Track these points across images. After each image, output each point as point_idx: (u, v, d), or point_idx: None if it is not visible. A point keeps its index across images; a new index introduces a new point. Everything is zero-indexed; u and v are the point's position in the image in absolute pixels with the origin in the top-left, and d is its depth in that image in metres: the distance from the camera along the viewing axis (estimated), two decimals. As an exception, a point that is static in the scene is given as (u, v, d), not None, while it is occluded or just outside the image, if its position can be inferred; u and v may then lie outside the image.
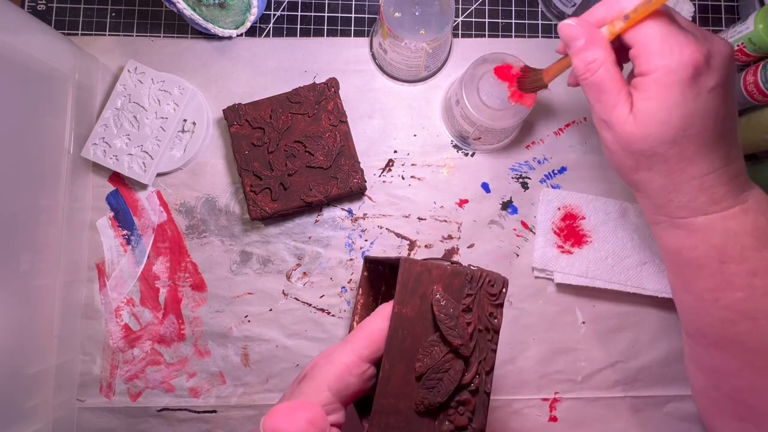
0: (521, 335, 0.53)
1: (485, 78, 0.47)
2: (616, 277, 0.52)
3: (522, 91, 0.46)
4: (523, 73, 0.46)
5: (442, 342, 0.35)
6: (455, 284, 0.36)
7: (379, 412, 0.33)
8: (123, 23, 0.55)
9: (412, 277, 0.35)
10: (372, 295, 0.48)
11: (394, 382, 0.34)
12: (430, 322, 0.35)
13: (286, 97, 0.51)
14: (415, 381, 0.34)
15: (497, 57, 0.48)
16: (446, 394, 0.34)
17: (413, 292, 0.35)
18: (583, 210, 0.53)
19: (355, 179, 0.51)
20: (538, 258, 0.53)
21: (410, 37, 0.47)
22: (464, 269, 0.36)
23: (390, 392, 0.33)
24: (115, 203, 0.53)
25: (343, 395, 0.33)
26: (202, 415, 0.51)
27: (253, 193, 0.50)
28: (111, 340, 0.51)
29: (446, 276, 0.35)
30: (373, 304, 0.48)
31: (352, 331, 0.36)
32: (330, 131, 0.51)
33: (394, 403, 0.33)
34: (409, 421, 0.34)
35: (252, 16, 0.50)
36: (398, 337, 0.34)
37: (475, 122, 0.48)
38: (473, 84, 0.47)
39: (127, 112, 0.51)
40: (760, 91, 0.48)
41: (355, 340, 0.34)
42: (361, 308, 0.47)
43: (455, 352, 0.35)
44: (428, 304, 0.35)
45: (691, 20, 0.56)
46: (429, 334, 0.35)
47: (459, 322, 0.35)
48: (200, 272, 0.52)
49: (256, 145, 0.51)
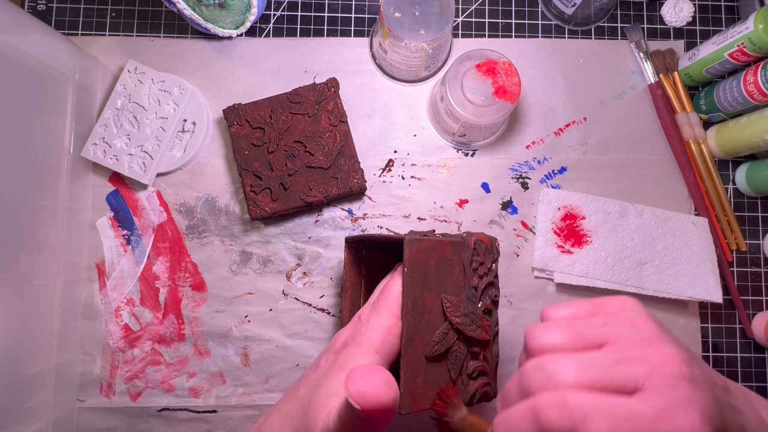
0: (521, 335, 0.53)
1: (469, 74, 0.47)
2: (616, 277, 0.52)
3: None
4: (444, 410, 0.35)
5: (453, 330, 0.37)
6: (456, 257, 0.38)
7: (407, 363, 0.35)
8: (123, 23, 0.55)
9: (417, 254, 0.36)
10: (356, 275, 0.48)
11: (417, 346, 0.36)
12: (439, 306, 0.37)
13: (286, 97, 0.51)
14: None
15: (480, 53, 0.48)
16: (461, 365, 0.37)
17: (418, 268, 0.36)
18: (583, 210, 0.53)
19: (355, 179, 0.51)
20: (538, 258, 0.53)
21: (410, 37, 0.47)
22: (460, 240, 0.39)
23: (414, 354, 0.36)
24: (115, 203, 0.53)
25: (388, 356, 0.34)
26: (202, 415, 0.51)
27: (253, 193, 0.50)
28: (111, 340, 0.51)
29: (447, 251, 0.38)
30: (359, 285, 0.48)
31: (379, 295, 0.37)
32: (330, 131, 0.51)
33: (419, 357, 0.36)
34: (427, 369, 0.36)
35: (252, 16, 0.50)
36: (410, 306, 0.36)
37: (459, 118, 0.48)
38: (457, 80, 0.47)
39: (127, 112, 0.51)
40: (760, 91, 0.48)
41: (385, 303, 0.35)
42: (351, 290, 0.47)
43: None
44: (434, 277, 0.37)
45: (691, 20, 0.56)
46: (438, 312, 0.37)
47: (475, 318, 0.37)
48: (200, 272, 0.52)
49: (256, 145, 0.51)
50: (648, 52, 0.56)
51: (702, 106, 0.55)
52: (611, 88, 0.56)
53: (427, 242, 0.37)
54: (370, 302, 0.38)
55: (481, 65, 0.47)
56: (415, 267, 0.36)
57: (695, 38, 0.57)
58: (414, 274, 0.36)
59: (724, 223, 0.54)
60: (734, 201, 0.56)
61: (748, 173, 0.54)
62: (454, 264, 0.38)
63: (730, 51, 0.49)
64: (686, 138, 0.55)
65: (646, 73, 0.55)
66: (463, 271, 0.38)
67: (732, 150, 0.53)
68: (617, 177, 0.55)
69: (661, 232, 0.53)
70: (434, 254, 0.37)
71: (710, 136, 0.55)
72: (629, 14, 0.57)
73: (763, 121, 0.48)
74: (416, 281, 0.36)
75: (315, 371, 0.37)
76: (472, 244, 0.39)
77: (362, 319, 0.36)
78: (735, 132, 0.52)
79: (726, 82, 0.52)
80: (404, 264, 0.35)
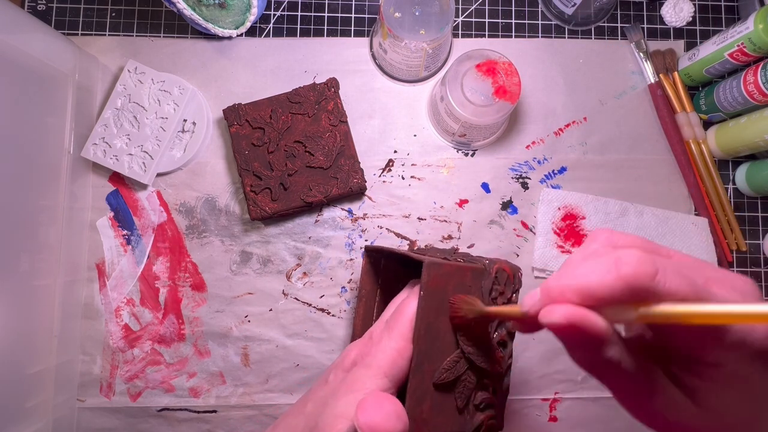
0: (521, 338, 0.53)
1: (469, 74, 0.47)
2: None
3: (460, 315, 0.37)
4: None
5: (464, 358, 0.35)
6: (476, 284, 0.37)
7: (414, 389, 0.34)
8: (123, 23, 0.55)
9: (435, 278, 0.35)
10: (373, 284, 0.48)
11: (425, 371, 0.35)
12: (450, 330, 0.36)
13: (286, 97, 0.51)
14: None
15: (480, 53, 0.48)
16: (468, 397, 0.36)
17: (435, 293, 0.35)
18: (583, 210, 0.53)
19: (355, 179, 0.51)
20: (538, 258, 0.53)
21: (410, 37, 0.47)
22: (482, 268, 0.37)
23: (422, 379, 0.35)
24: (115, 203, 0.53)
25: (397, 379, 0.33)
26: (202, 415, 0.51)
27: (253, 193, 0.50)
28: (111, 340, 0.51)
29: (467, 277, 0.36)
30: (374, 294, 0.48)
31: (392, 315, 0.36)
32: (330, 131, 0.51)
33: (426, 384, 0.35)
34: (435, 398, 0.35)
35: (252, 16, 0.50)
36: (424, 330, 0.35)
37: (459, 118, 0.48)
38: (457, 80, 0.47)
39: (127, 112, 0.51)
40: (760, 91, 0.48)
41: (398, 324, 0.34)
42: (366, 299, 0.47)
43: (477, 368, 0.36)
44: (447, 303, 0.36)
45: (691, 20, 0.56)
46: (450, 336, 0.35)
47: (487, 349, 0.36)
48: (200, 272, 0.52)
49: (256, 145, 0.51)
50: (648, 52, 0.56)
51: (702, 106, 0.55)
52: (611, 88, 0.56)
53: (447, 267, 0.35)
54: (383, 320, 0.37)
55: (481, 65, 0.47)
56: (432, 292, 0.34)
57: (695, 38, 0.57)
58: (430, 299, 0.34)
59: (724, 223, 0.54)
60: (734, 201, 0.56)
61: (748, 173, 0.54)
62: (473, 291, 0.37)
63: (730, 51, 0.49)
64: (686, 138, 0.55)
65: (646, 73, 0.55)
66: (481, 298, 0.37)
67: (732, 150, 0.53)
68: (617, 177, 0.55)
69: (661, 232, 0.53)
70: (453, 280, 0.35)
71: (710, 136, 0.55)
72: (629, 14, 0.57)
73: (763, 121, 0.48)
74: (432, 306, 0.34)
75: (323, 387, 0.36)
76: (493, 272, 0.38)
77: (374, 338, 0.36)
78: (735, 132, 0.52)
79: (726, 82, 0.52)
80: (421, 287, 0.34)
